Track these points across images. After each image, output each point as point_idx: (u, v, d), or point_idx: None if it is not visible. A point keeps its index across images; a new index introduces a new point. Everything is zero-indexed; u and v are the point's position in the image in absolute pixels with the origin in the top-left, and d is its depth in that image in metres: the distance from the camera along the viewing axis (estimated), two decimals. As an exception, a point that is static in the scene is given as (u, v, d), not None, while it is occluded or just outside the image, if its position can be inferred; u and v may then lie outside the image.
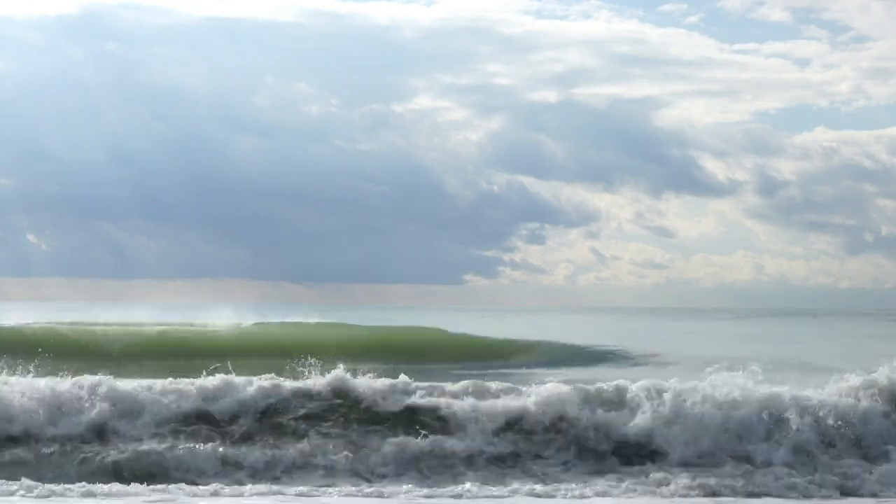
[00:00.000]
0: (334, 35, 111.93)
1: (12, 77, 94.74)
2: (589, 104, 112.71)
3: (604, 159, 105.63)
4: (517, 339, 33.51)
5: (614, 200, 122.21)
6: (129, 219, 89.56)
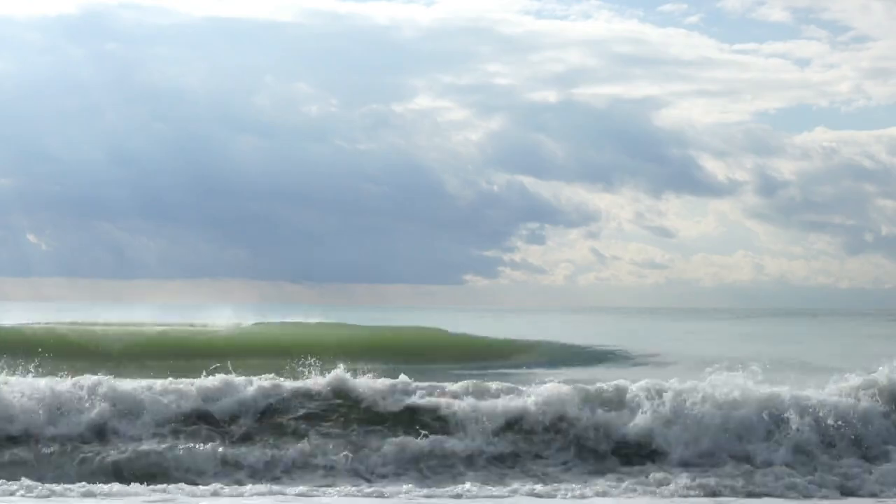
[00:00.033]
0: (334, 35, 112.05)
1: (12, 77, 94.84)
2: (589, 104, 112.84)
3: (604, 159, 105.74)
4: (517, 339, 33.49)
5: (614, 200, 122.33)
6: (129, 219, 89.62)
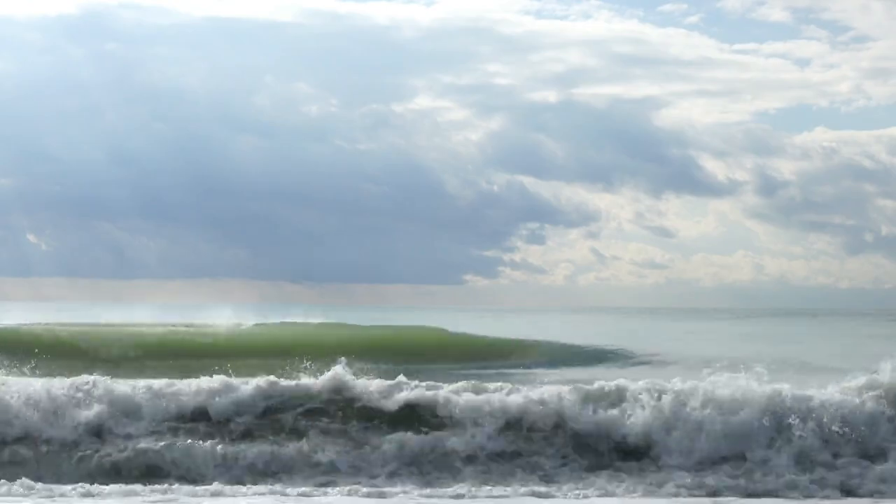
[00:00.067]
0: (334, 35, 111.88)
1: (12, 77, 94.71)
2: (589, 104, 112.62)
3: (604, 159, 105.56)
4: (517, 338, 33.44)
5: (614, 200, 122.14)
6: (129, 219, 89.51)
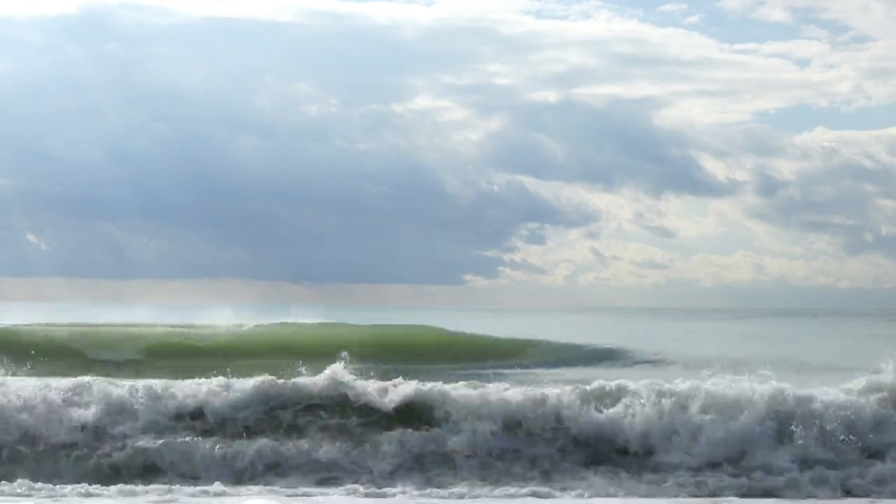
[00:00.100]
0: (334, 35, 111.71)
1: (12, 77, 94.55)
2: (589, 104, 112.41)
3: (604, 159, 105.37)
4: (517, 338, 33.41)
5: (614, 200, 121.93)
6: (129, 219, 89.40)
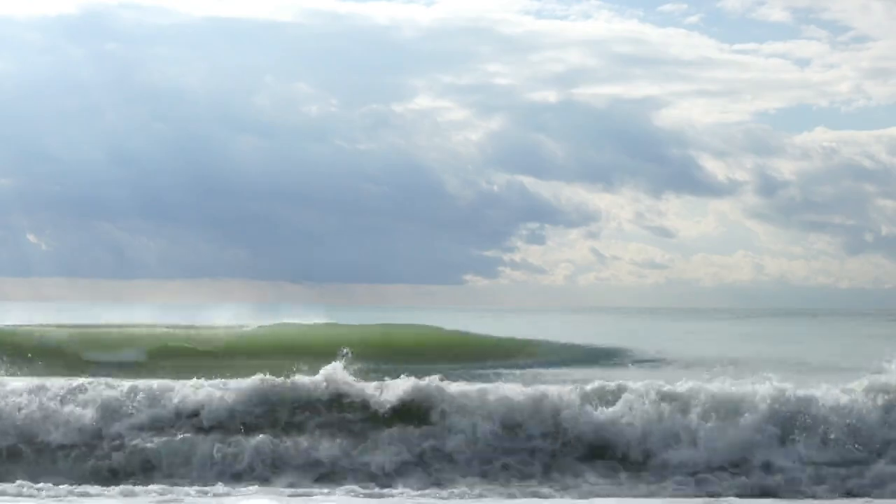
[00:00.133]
0: (334, 35, 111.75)
1: (12, 77, 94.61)
2: (589, 104, 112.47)
3: (604, 159, 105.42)
4: (517, 338, 33.42)
5: (614, 200, 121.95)
6: (129, 219, 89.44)
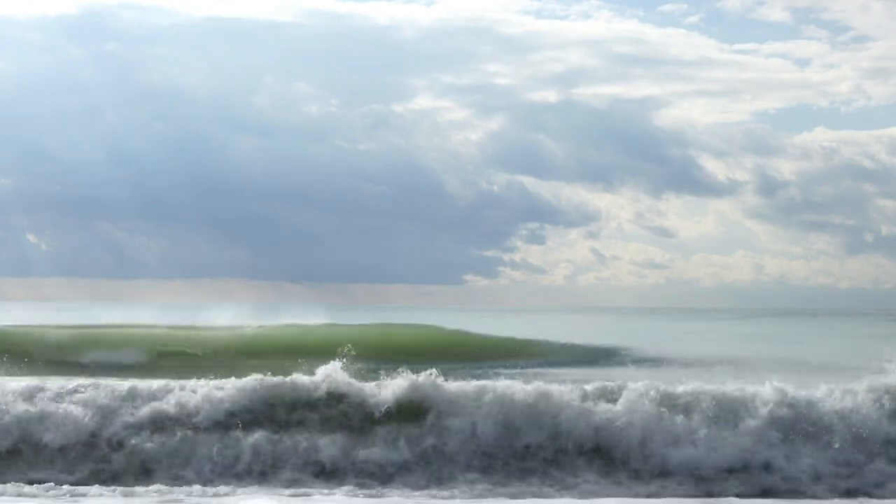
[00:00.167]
0: (334, 35, 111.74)
1: (12, 77, 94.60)
2: (589, 104, 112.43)
3: (604, 159, 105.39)
4: (517, 338, 33.40)
5: (614, 200, 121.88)
6: (129, 219, 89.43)
